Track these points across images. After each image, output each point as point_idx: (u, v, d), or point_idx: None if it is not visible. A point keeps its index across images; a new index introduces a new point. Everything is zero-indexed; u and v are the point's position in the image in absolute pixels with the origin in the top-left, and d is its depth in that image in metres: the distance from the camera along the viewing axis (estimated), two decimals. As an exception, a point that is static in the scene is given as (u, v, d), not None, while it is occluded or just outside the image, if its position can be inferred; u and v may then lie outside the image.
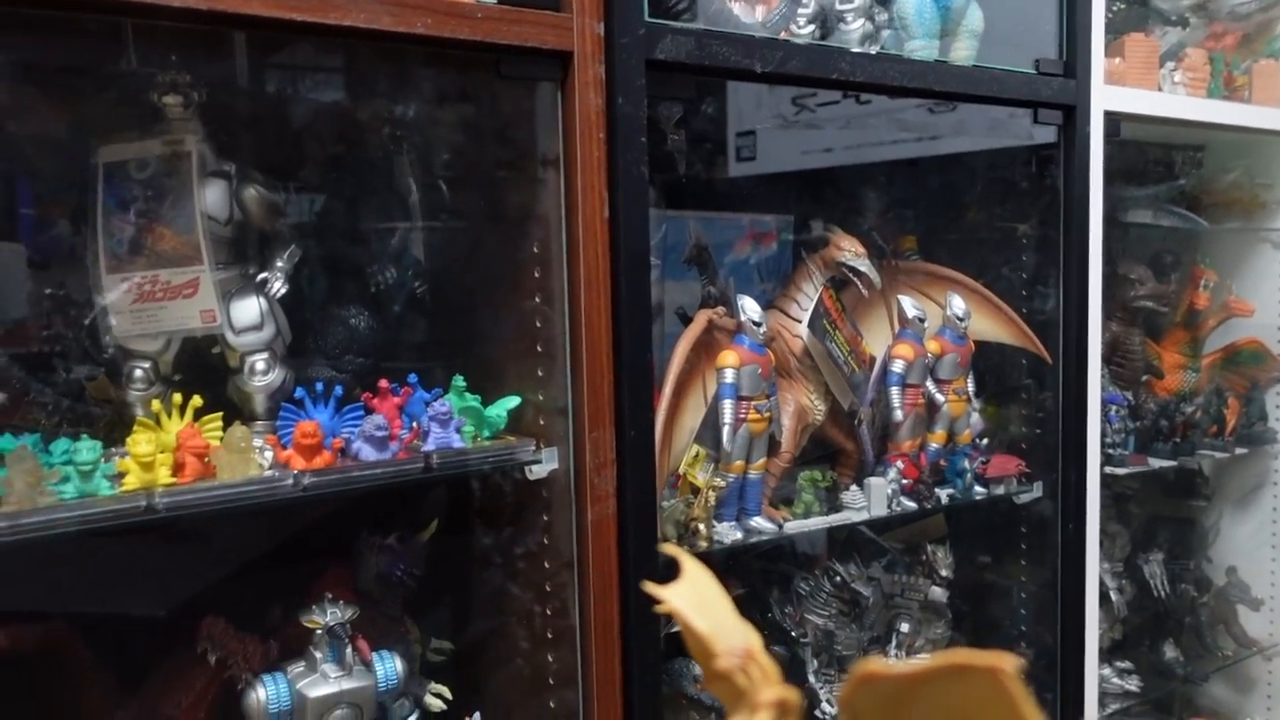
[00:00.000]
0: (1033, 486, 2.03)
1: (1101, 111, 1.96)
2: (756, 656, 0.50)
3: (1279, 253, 2.54)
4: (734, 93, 2.44)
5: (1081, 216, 1.94)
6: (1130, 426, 2.22)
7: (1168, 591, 2.40)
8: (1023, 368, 2.06)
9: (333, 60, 1.53)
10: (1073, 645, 2.02)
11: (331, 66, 1.55)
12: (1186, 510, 2.54)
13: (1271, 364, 2.53)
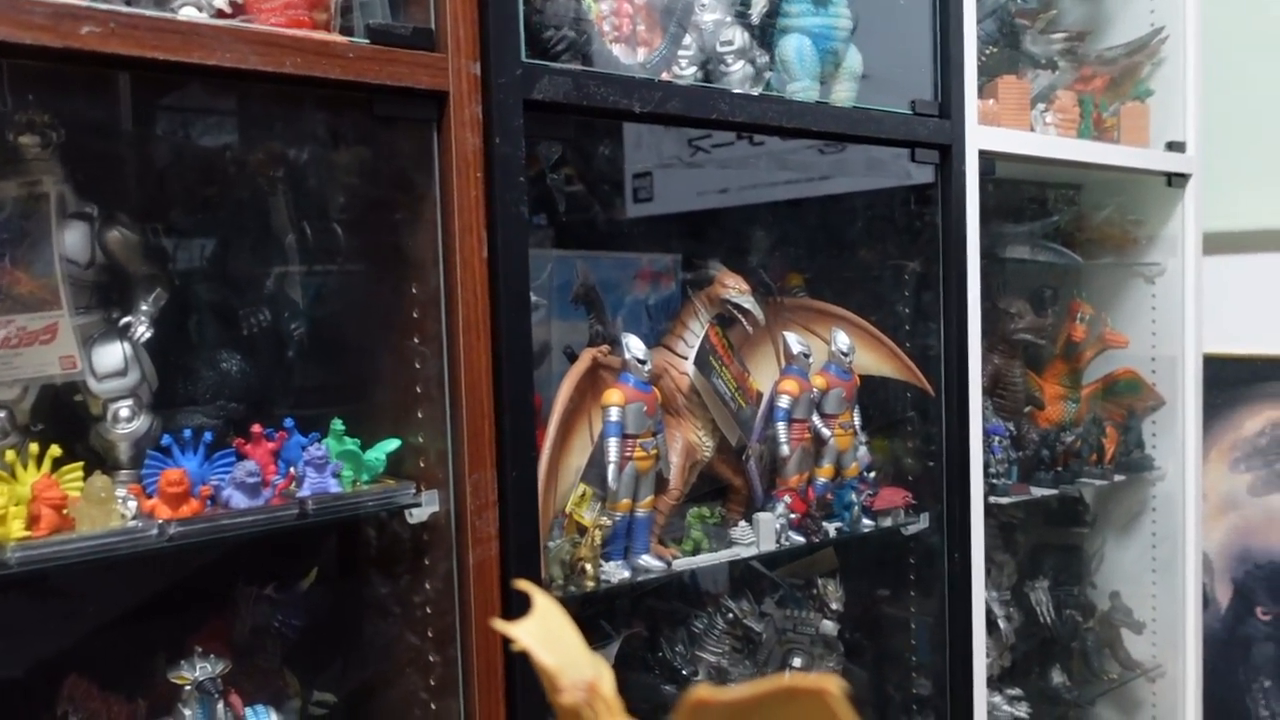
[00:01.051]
0: (920, 517, 2.06)
1: (976, 151, 2.02)
2: (599, 690, 0.50)
3: (1151, 287, 2.64)
4: (630, 135, 2.47)
5: (959, 252, 2.00)
6: (1013, 456, 2.28)
7: (1054, 618, 2.45)
8: (907, 401, 2.10)
9: (203, 99, 1.50)
10: (961, 673, 2.06)
11: (201, 106, 1.51)
12: (1070, 538, 2.61)
13: (1147, 394, 2.63)
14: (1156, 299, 2.63)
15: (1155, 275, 2.62)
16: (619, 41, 1.68)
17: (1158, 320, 2.64)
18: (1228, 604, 3.00)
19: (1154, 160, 2.49)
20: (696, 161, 2.58)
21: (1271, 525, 2.92)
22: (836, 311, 2.03)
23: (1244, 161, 2.82)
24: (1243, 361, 2.92)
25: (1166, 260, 2.61)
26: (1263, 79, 2.80)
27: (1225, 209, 2.81)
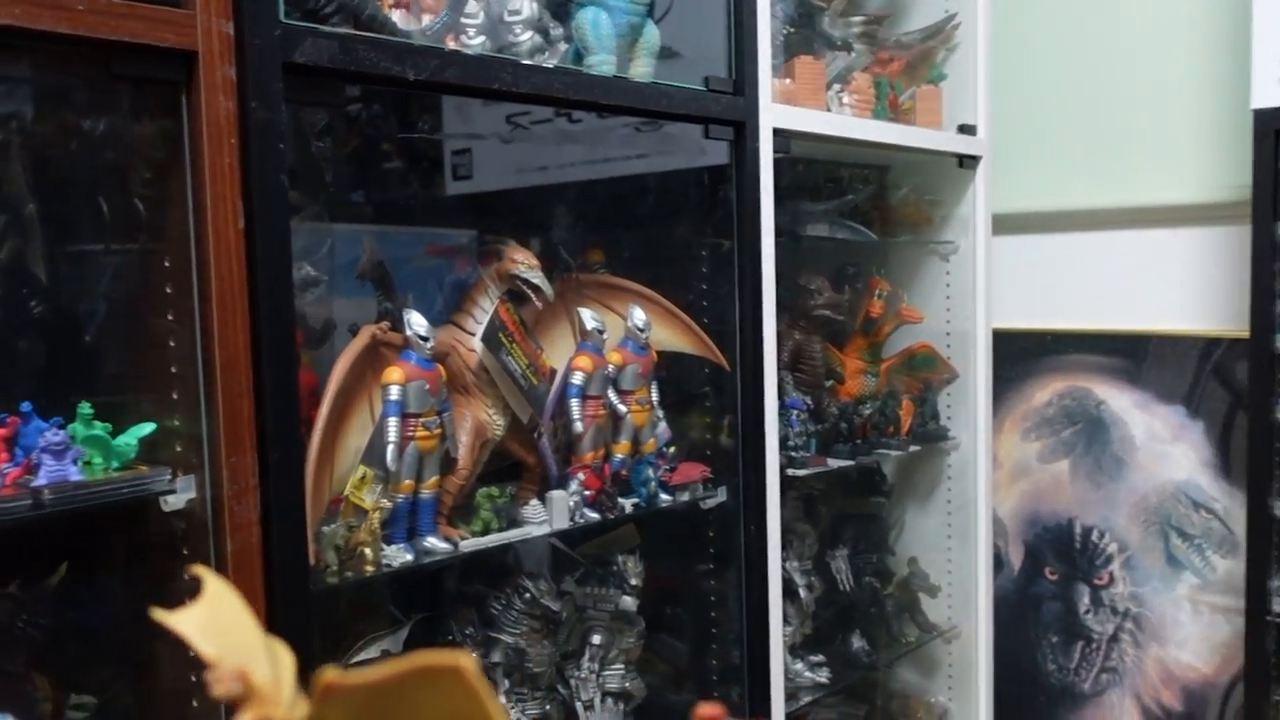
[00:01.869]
0: (718, 491, 2.09)
1: (771, 128, 2.05)
2: (250, 679, 0.47)
3: (946, 264, 2.74)
4: (450, 110, 2.41)
5: (754, 228, 2.02)
6: (812, 429, 2.33)
7: (853, 585, 2.53)
8: (705, 376, 2.12)
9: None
10: (759, 642, 2.09)
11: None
12: (869, 507, 2.70)
13: (942, 367, 2.73)
14: (951, 276, 2.74)
15: (949, 253, 2.72)
16: (400, 7, 1.62)
17: (952, 297, 2.74)
18: (1020, 565, 3.16)
19: (946, 142, 2.58)
20: (515, 138, 2.54)
21: (1059, 490, 3.09)
22: (633, 288, 2.02)
23: (1031, 145, 2.96)
24: (1032, 336, 3.07)
25: (960, 239, 2.71)
26: (1050, 66, 2.95)
27: (1014, 190, 2.94)
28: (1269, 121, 2.31)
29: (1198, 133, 2.71)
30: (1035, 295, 3.04)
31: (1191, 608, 2.88)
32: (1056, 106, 2.94)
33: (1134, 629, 2.98)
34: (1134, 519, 2.97)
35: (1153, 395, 2.92)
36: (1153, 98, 2.79)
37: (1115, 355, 2.96)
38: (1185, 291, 2.81)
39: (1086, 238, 2.96)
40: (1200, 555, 2.87)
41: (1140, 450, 2.95)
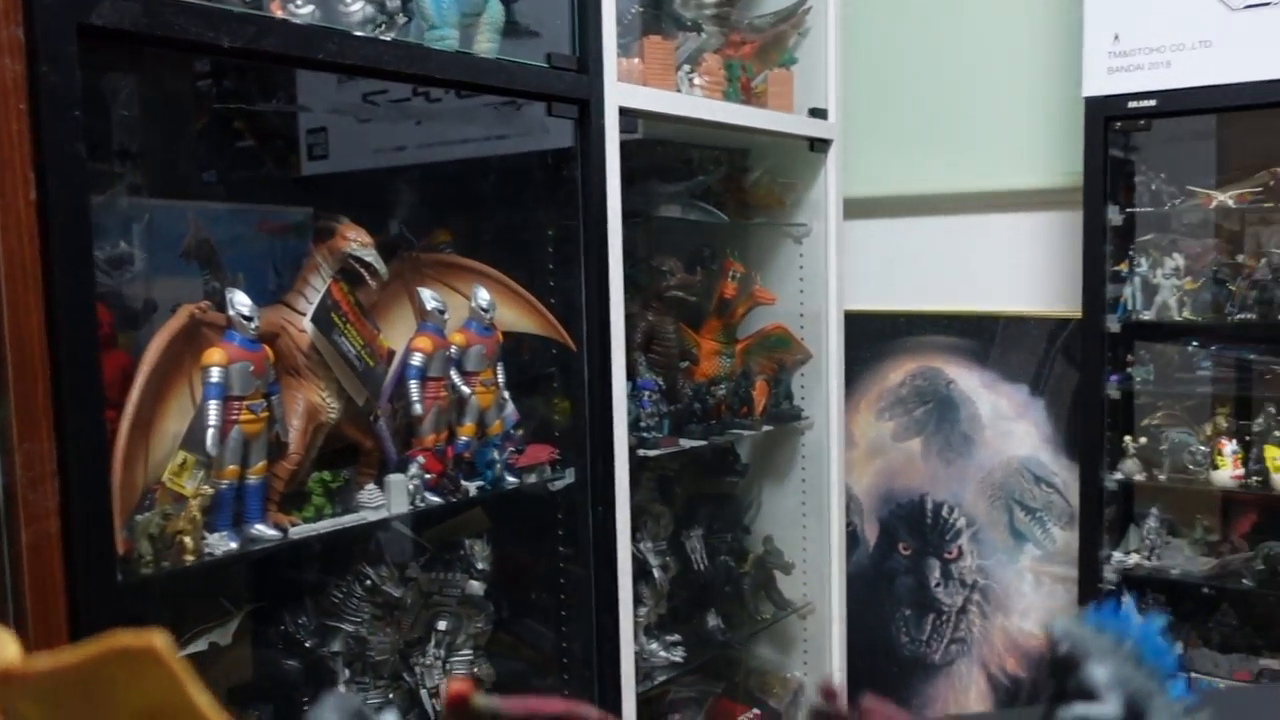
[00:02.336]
0: (565, 473, 2.07)
1: (617, 107, 2.03)
2: None
3: (799, 246, 2.78)
4: (305, 88, 2.33)
5: (600, 209, 2.00)
6: (664, 410, 2.34)
7: (708, 564, 2.55)
8: (552, 357, 2.10)
9: None
10: (608, 623, 2.09)
11: None
12: (724, 487, 2.72)
13: (796, 348, 2.77)
14: (804, 258, 2.78)
15: (802, 236, 2.76)
16: (220, -29, 1.55)
17: (805, 279, 2.78)
18: (875, 542, 3.25)
19: (797, 125, 2.61)
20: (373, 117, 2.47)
21: (911, 467, 3.17)
22: (478, 268, 1.99)
23: (882, 130, 3.03)
24: (885, 317, 3.15)
25: (812, 221, 2.75)
26: (900, 53, 3.01)
27: (866, 174, 3.00)
28: (1099, 109, 2.41)
29: (1038, 120, 2.81)
30: (888, 278, 3.11)
31: (1033, 578, 3.00)
32: (905, 92, 3.01)
33: (981, 600, 3.09)
34: (981, 494, 3.08)
35: (999, 375, 3.02)
36: (995, 85, 2.87)
37: (965, 336, 3.06)
38: (1032, 274, 2.91)
39: (937, 221, 3.04)
40: (1041, 528, 2.98)
41: (987, 428, 3.05)
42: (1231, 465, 2.43)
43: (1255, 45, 2.21)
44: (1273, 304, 2.38)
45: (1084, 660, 0.66)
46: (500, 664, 2.28)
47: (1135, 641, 0.67)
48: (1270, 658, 2.52)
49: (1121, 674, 0.65)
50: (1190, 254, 2.56)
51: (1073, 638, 0.66)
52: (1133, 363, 2.59)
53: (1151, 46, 2.33)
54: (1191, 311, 2.48)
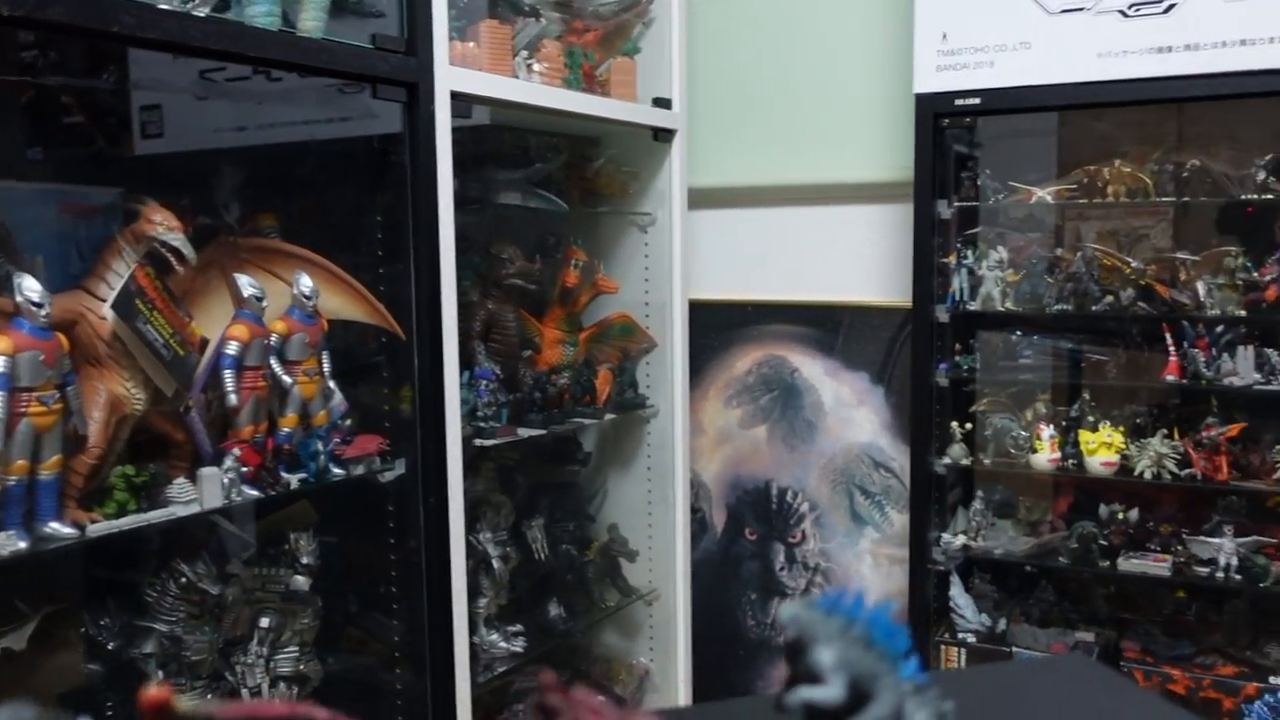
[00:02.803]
0: (395, 464, 2.03)
1: (448, 91, 2.00)
2: None
3: (644, 235, 2.79)
4: (138, 64, 2.22)
5: (430, 194, 1.97)
6: (503, 399, 2.31)
7: (549, 554, 2.55)
8: (382, 345, 2.05)
9: None
10: (440, 615, 2.06)
11: None
12: (566, 476, 2.72)
13: (640, 336, 2.78)
14: (649, 247, 2.79)
15: (647, 225, 2.77)
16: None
17: (650, 267, 2.80)
18: (723, 527, 3.29)
19: (640, 115, 2.62)
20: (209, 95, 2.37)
21: (757, 454, 3.23)
22: (300, 253, 1.93)
23: (728, 122, 3.06)
24: (733, 306, 3.19)
25: (657, 211, 2.77)
26: (745, 46, 3.04)
27: (713, 164, 3.04)
28: (928, 106, 2.48)
29: (877, 115, 2.88)
30: (734, 267, 3.15)
31: (872, 560, 3.09)
32: (750, 85, 3.04)
33: (823, 582, 3.16)
34: (824, 479, 3.15)
35: (841, 363, 3.10)
36: (837, 80, 2.93)
37: (809, 325, 3.12)
38: (874, 266, 2.98)
39: (782, 213, 3.10)
40: (880, 511, 3.08)
41: (829, 415, 3.13)
42: (1049, 449, 2.55)
43: (1071, 48, 2.31)
44: (1087, 296, 2.50)
45: (811, 644, 0.67)
46: (347, 660, 2.24)
47: (865, 625, 0.69)
48: (1084, 631, 2.66)
49: (848, 656, 0.67)
50: (1014, 247, 2.67)
51: (801, 623, 0.68)
52: (961, 351, 2.69)
53: (977, 46, 2.41)
54: (1013, 302, 2.59)
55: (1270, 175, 2.32)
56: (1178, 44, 2.22)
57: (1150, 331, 2.50)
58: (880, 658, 0.68)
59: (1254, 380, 2.36)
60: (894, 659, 0.69)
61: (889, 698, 0.67)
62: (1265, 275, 2.36)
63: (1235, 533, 2.44)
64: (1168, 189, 2.43)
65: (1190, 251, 2.48)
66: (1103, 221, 2.66)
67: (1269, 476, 2.38)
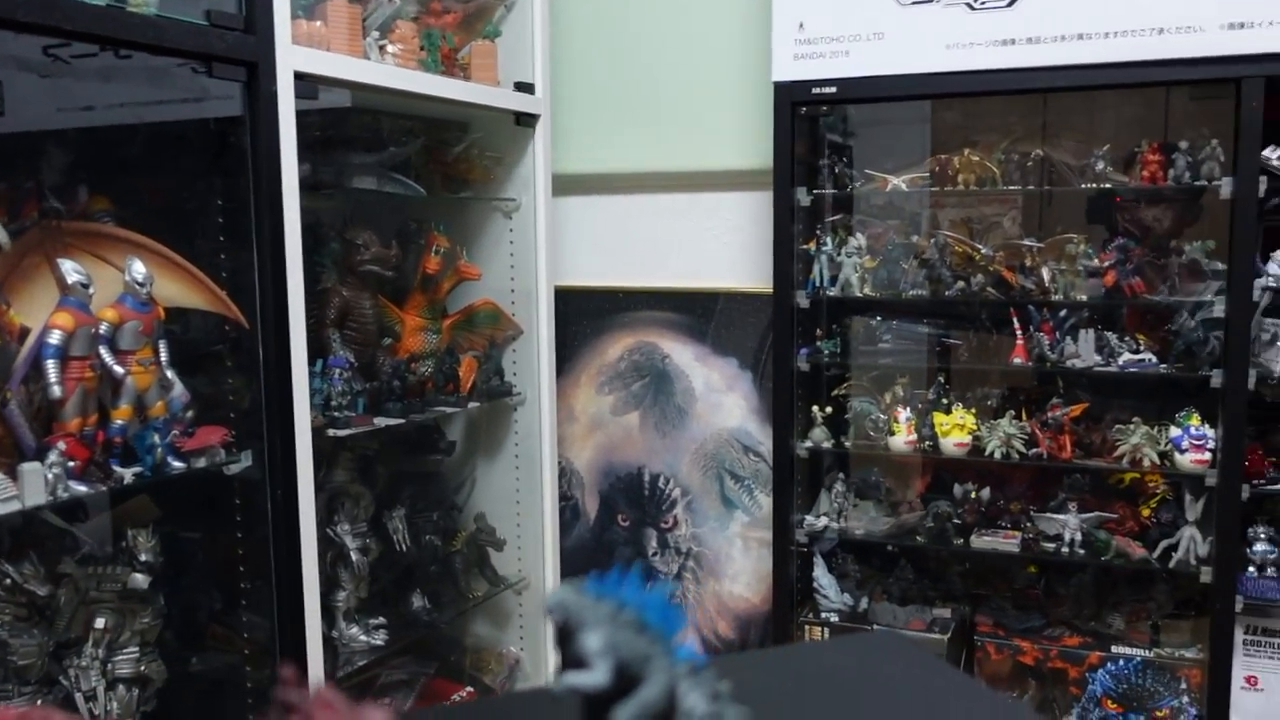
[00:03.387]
0: (241, 456, 1.97)
1: (291, 72, 1.94)
2: None
3: (509, 222, 2.76)
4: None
5: (273, 177, 1.91)
6: (358, 388, 2.27)
7: (410, 545, 2.51)
8: (225, 334, 1.99)
9: None
10: (290, 610, 2.01)
11: None
12: (429, 465, 2.68)
13: (506, 323, 2.76)
14: (514, 234, 2.76)
15: (512, 211, 2.74)
16: None
17: (516, 254, 2.77)
18: (595, 514, 3.29)
19: (501, 99, 2.58)
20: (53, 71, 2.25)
21: (629, 441, 3.24)
22: (132, 238, 1.85)
23: (595, 108, 3.05)
24: (605, 294, 3.18)
25: (522, 196, 2.74)
26: (611, 31, 3.03)
27: (581, 151, 3.02)
28: (786, 94, 2.51)
29: (740, 102, 2.90)
30: (604, 254, 3.14)
31: (742, 544, 3.13)
32: (616, 71, 3.04)
33: (695, 567, 3.19)
34: (695, 465, 3.18)
35: (711, 349, 3.12)
36: (701, 67, 2.95)
37: (679, 312, 3.13)
38: (743, 252, 3.01)
39: (651, 200, 3.10)
40: (749, 495, 3.11)
41: (699, 400, 3.15)
42: (906, 431, 2.61)
43: (921, 39, 2.36)
44: (940, 282, 2.57)
45: (578, 630, 0.67)
46: (214, 658, 2.17)
47: (636, 609, 0.69)
48: (942, 607, 2.74)
49: (616, 640, 0.67)
50: (873, 234, 2.73)
51: (566, 608, 0.67)
52: (823, 336, 2.73)
53: (832, 36, 2.45)
54: (872, 288, 2.64)
55: (1108, 165, 2.42)
56: (1020, 37, 2.29)
57: (1000, 316, 2.58)
58: (652, 641, 0.68)
59: (1095, 362, 2.46)
60: (667, 642, 0.69)
61: (660, 679, 0.67)
62: (1104, 261, 2.45)
63: (1079, 509, 2.54)
64: (1014, 178, 2.51)
65: (1038, 239, 2.57)
66: (958, 209, 2.74)
67: (1110, 455, 2.49)
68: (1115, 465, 2.49)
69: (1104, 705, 2.51)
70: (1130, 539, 2.53)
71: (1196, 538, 2.44)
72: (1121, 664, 2.50)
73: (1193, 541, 2.44)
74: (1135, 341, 2.46)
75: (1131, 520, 2.57)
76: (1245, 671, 2.44)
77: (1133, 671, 2.49)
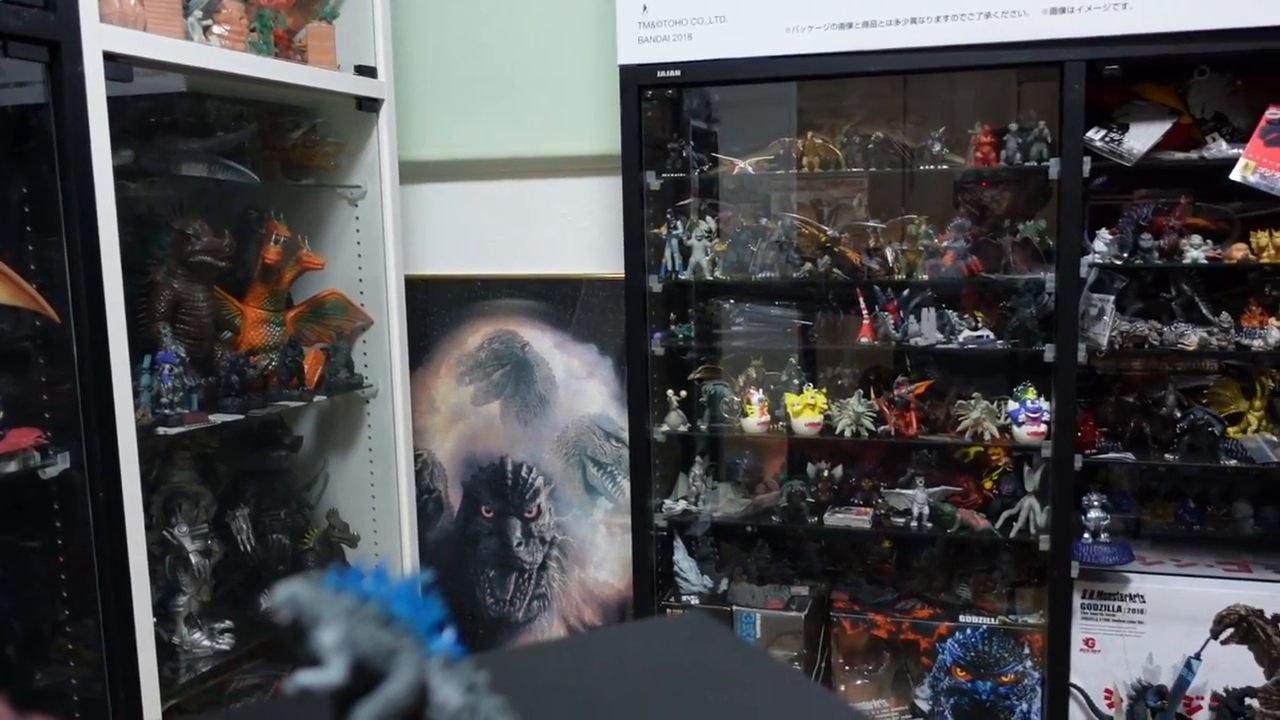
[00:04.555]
0: (58, 458, 1.87)
1: (100, 52, 1.84)
2: None
3: (355, 209, 2.69)
4: None
5: (82, 164, 1.81)
6: (191, 384, 2.17)
7: (255, 545, 2.43)
8: (36, 330, 1.88)
9: None
10: (117, 617, 1.92)
11: None
12: (274, 462, 2.60)
13: (354, 314, 2.69)
14: (360, 221, 2.69)
15: (357, 198, 2.67)
16: None
17: (363, 243, 2.70)
18: (459, 506, 3.25)
19: (339, 83, 2.51)
20: None
21: (491, 431, 3.20)
22: (-75, 230, 1.73)
23: (443, 93, 2.99)
24: (462, 282, 3.13)
25: (368, 183, 2.67)
26: (458, 14, 2.98)
27: (429, 137, 2.96)
28: (632, 78, 2.50)
29: (590, 87, 2.88)
30: (459, 242, 3.09)
31: (606, 530, 3.13)
32: (464, 55, 2.98)
33: (560, 556, 3.17)
34: (557, 453, 3.16)
35: (570, 336, 3.10)
36: (549, 51, 2.92)
37: (538, 299, 3.10)
38: (598, 238, 2.99)
39: (505, 186, 3.06)
40: (612, 481, 3.11)
41: (560, 388, 3.13)
42: (759, 413, 2.64)
43: (762, 22, 2.38)
44: (789, 264, 2.60)
45: (311, 626, 0.64)
46: (59, 672, 2.05)
47: (381, 601, 0.66)
48: (799, 585, 2.79)
49: (355, 635, 0.64)
50: (724, 218, 2.74)
51: (298, 603, 0.64)
52: (676, 321, 2.74)
53: (675, 19, 2.44)
54: (722, 271, 2.66)
55: (944, 148, 2.48)
56: (857, 20, 2.32)
57: (847, 297, 2.62)
58: (400, 634, 0.65)
59: (936, 340, 2.53)
60: (418, 634, 0.66)
61: (407, 674, 0.64)
62: (943, 241, 2.52)
63: (926, 483, 2.60)
64: (856, 160, 2.55)
65: (881, 220, 2.61)
66: (808, 192, 2.77)
67: (953, 430, 2.56)
68: (958, 440, 2.56)
69: (954, 674, 2.59)
70: (974, 511, 2.60)
71: (1035, 507, 2.53)
72: (969, 633, 2.58)
73: (1032, 511, 2.53)
74: (974, 319, 2.53)
75: (975, 493, 2.65)
76: (1083, 634, 2.54)
77: (979, 639, 2.57)
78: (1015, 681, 2.56)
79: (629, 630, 1.13)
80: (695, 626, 0.97)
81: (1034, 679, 2.55)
